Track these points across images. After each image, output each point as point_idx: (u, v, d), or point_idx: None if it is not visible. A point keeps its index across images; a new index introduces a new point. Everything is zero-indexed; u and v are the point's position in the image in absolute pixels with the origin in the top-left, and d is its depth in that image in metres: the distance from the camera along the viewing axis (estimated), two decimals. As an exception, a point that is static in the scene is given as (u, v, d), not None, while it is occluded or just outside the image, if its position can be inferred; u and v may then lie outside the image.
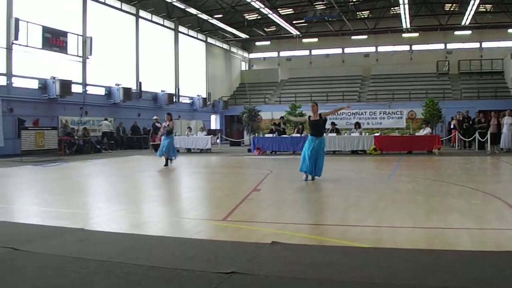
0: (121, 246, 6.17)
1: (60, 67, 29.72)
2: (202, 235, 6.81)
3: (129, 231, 7.19)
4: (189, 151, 30.44)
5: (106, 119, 32.91)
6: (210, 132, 38.75)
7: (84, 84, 32.16)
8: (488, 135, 25.73)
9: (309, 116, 13.99)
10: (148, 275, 4.85)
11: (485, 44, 53.53)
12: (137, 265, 5.14)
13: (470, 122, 29.41)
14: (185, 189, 13.58)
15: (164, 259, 5.41)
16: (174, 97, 42.62)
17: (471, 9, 42.47)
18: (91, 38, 31.77)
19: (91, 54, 31.88)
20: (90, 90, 32.75)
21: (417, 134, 28.38)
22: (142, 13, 39.10)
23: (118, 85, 34.42)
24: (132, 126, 35.96)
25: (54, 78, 28.54)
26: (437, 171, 17.28)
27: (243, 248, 5.99)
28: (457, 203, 9.49)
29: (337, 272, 4.94)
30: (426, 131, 27.56)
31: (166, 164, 19.21)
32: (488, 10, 46.83)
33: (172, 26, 44.12)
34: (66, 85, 28.93)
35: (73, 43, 30.46)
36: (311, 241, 6.33)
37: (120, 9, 36.57)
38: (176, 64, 44.50)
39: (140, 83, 37.96)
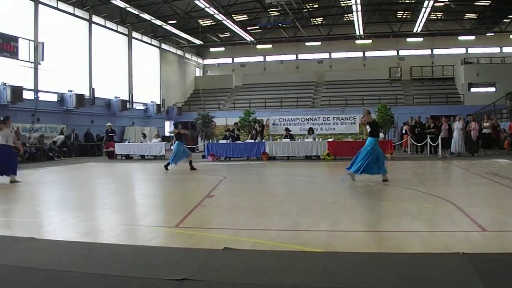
0: (72, 254, 6.07)
1: (11, 73, 29.17)
2: (154, 242, 6.78)
3: (81, 239, 7.10)
4: (143, 157, 30.20)
5: (62, 133, 32.53)
6: (165, 138, 38.55)
7: (36, 90, 31.58)
8: (439, 140, 26.15)
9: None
10: (99, 284, 4.82)
11: (437, 51, 54.62)
12: (88, 274, 5.10)
13: (422, 127, 29.84)
14: (138, 196, 13.48)
15: (116, 267, 5.38)
16: (128, 103, 42.21)
17: (423, 17, 43.21)
18: (43, 43, 31.26)
19: (43, 60, 31.34)
20: (42, 97, 32.14)
21: (370, 139, 28.64)
22: (95, 18, 38.66)
23: (71, 91, 33.91)
24: (86, 133, 35.49)
25: (5, 84, 27.94)
26: (389, 176, 17.50)
27: (195, 254, 5.98)
28: (408, 206, 9.63)
29: (289, 276, 4.98)
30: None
31: (192, 168, 20.36)
32: (439, 18, 47.68)
33: (126, 31, 43.75)
34: (17, 91, 28.38)
35: (25, 49, 29.94)
36: (263, 247, 6.34)
37: (73, 14, 36.06)
38: (130, 70, 44.10)
39: (93, 89, 37.49)
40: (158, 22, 44.09)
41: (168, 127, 51.72)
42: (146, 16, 41.66)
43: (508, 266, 5.26)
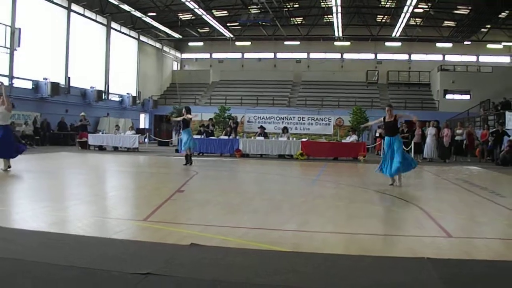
0: (38, 244, 6.04)
1: (-15, 57, 28.91)
2: (121, 235, 6.72)
3: (48, 229, 7.02)
4: (116, 149, 30.03)
5: (35, 121, 32.29)
6: (139, 131, 38.39)
7: (11, 76, 31.27)
8: (412, 145, 26.36)
9: (384, 118, 14.36)
10: (63, 275, 4.78)
11: (414, 57, 55.26)
12: (52, 265, 5.06)
13: (395, 132, 30.01)
14: (109, 188, 13.40)
15: (81, 258, 5.33)
16: (103, 94, 42.01)
17: (402, 22, 43.68)
18: (19, 29, 30.94)
19: (19, 46, 31.05)
20: (17, 83, 31.84)
21: (343, 141, 28.86)
22: (74, 6, 38.38)
23: (46, 79, 33.67)
24: (59, 122, 35.24)
25: (-22, 69, 27.69)
26: (360, 178, 17.60)
27: (161, 249, 5.96)
28: (377, 209, 9.74)
29: (254, 275, 4.98)
30: (352, 138, 28.10)
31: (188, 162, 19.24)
32: (418, 24, 48.23)
33: (105, 22, 43.51)
34: (-9, 76, 28.14)
35: (1, 34, 29.66)
36: (230, 244, 6.32)
37: (52, 1, 35.80)
38: (107, 60, 43.87)
39: (69, 78, 37.23)
40: (138, 14, 43.92)
41: (143, 120, 51.54)
42: (125, 7, 41.48)
43: (471, 272, 5.33)
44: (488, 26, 45.25)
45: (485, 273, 5.36)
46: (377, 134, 32.66)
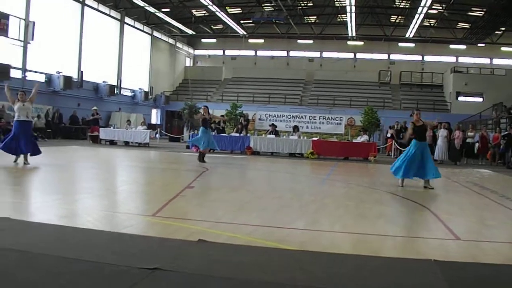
0: (47, 237, 6.09)
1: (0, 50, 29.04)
2: (130, 230, 6.76)
3: (57, 222, 7.05)
4: (127, 144, 30.12)
5: (47, 114, 32.44)
6: (150, 126, 38.52)
7: (24, 69, 31.47)
8: (423, 146, 26.23)
9: (413, 123, 14.23)
10: (71, 268, 4.81)
11: (427, 58, 54.95)
12: (61, 257, 5.09)
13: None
14: (119, 183, 13.44)
15: (89, 252, 5.37)
16: (115, 88, 42.15)
17: (416, 23, 43.52)
18: (33, 22, 31.10)
19: (33, 39, 31.20)
20: (30, 76, 31.95)
21: (354, 141, 28.82)
22: (88, 1, 38.52)
23: (59, 72, 33.83)
24: (71, 116, 35.37)
25: (-9, 60, 27.84)
26: (371, 178, 17.57)
27: (169, 244, 5.99)
28: (386, 210, 9.73)
29: (261, 272, 5.00)
30: (363, 138, 28.07)
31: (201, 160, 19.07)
32: (432, 25, 48.03)
33: (118, 16, 43.63)
34: (4, 69, 28.22)
35: (15, 27, 29.80)
36: (238, 241, 6.34)
37: (66, -5, 35.96)
38: (120, 55, 44.00)
39: (82, 72, 37.37)
40: (151, 9, 43.95)
41: (155, 115, 51.63)
42: (139, 2, 41.54)
43: (477, 275, 5.33)
44: (503, 28, 44.95)
45: (491, 276, 5.35)
46: (389, 135, 32.57)
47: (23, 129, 14.50)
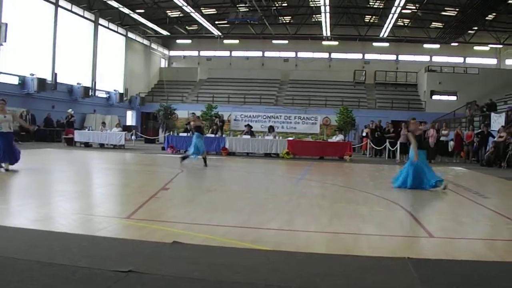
0: (19, 241, 6.05)
1: (-29, 52, 28.76)
2: (104, 233, 6.73)
3: (30, 226, 7.01)
4: (102, 146, 29.94)
5: (21, 116, 32.13)
6: (126, 128, 38.32)
7: (-3, 71, 31.20)
8: (398, 145, 26.48)
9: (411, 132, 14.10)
10: (44, 272, 4.79)
11: (401, 57, 55.52)
12: (33, 261, 5.07)
13: (382, 132, 30.19)
14: (94, 185, 13.38)
15: (63, 256, 5.34)
16: (90, 90, 41.83)
17: (390, 23, 43.85)
18: (6, 24, 30.68)
19: (5, 41, 30.81)
20: (3, 79, 31.67)
21: (329, 140, 28.96)
22: (62, 2, 38.21)
23: (33, 75, 33.53)
24: (46, 118, 35.05)
25: (-37, 63, 27.52)
26: (345, 178, 17.71)
27: (144, 246, 5.99)
28: (360, 209, 9.75)
29: (234, 273, 5.03)
30: (338, 137, 28.24)
31: (206, 164, 18.65)
32: (406, 24, 48.48)
33: (92, 18, 43.35)
34: (-23, 71, 27.99)
35: (-13, 29, 29.51)
36: (212, 242, 6.35)
37: (39, -3, 35.66)
38: (94, 57, 43.70)
39: (56, 74, 37.06)
40: (126, 10, 43.76)
41: (130, 117, 51.39)
42: (114, 3, 41.33)
43: (450, 272, 5.38)
44: (475, 28, 45.51)
45: (464, 273, 5.42)
46: (364, 134, 32.79)
47: (5, 140, 14.34)
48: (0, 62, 31.34)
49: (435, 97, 48.13)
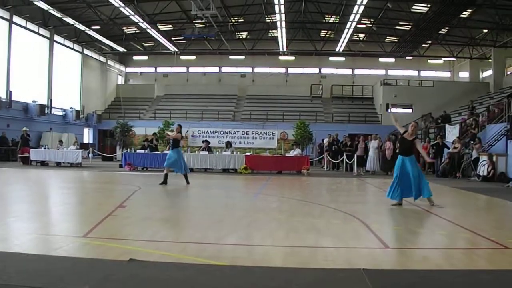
0: (-28, 262, 5.98)
1: None
2: (59, 252, 6.68)
3: (-16, 247, 6.94)
4: (58, 164, 29.61)
5: None
6: (83, 146, 37.96)
7: None
8: (355, 158, 26.79)
9: (405, 131, 12.92)
10: (-2, 293, 4.76)
11: (357, 71, 56.47)
12: (-13, 282, 5.03)
13: (339, 145, 30.46)
14: (49, 204, 13.22)
15: (17, 276, 5.31)
16: (46, 108, 41.28)
17: (345, 37, 44.39)
18: (-42, 42, 30.43)
19: (-44, 59, 30.49)
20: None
21: (287, 155, 29.13)
22: (16, 18, 37.74)
23: (-14, 93, 33.08)
24: (0, 137, 34.50)
25: None
26: (303, 191, 17.80)
27: (100, 265, 5.97)
28: (317, 222, 9.83)
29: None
30: (296, 152, 28.40)
31: (187, 182, 17.99)
32: (361, 39, 49.14)
33: (48, 34, 42.92)
34: None
35: None
36: (169, 259, 6.37)
37: (-8, 13, 35.21)
38: (50, 74, 43.21)
39: (11, 92, 36.53)
40: (82, 27, 43.41)
41: (87, 134, 50.89)
42: (69, 20, 40.98)
43: (405, 282, 5.52)
44: (429, 42, 46.41)
45: (418, 283, 5.56)
46: (326, 146, 32.97)
47: None
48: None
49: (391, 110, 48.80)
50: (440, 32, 43.00)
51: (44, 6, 36.94)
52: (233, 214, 11.02)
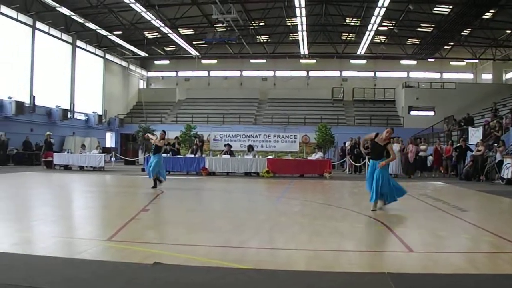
0: (-1, 265, 6.02)
1: None
2: (84, 255, 6.71)
3: (9, 250, 6.95)
4: (81, 168, 29.79)
5: None
6: (105, 150, 38.15)
7: (-26, 96, 31.01)
8: (377, 161, 26.57)
9: (376, 134, 12.61)
10: (23, 296, 4.78)
11: (379, 74, 56.00)
12: (12, 286, 5.05)
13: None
14: (74, 208, 13.32)
15: (42, 279, 5.34)
16: (69, 113, 41.65)
17: (367, 40, 44.17)
18: (-18, 48, 30.79)
19: (-18, 65, 30.84)
20: (-20, 103, 31.55)
21: (309, 158, 29.00)
22: (39, 25, 38.08)
23: (11, 98, 33.33)
24: (24, 142, 34.82)
25: None
26: (325, 195, 17.74)
27: (124, 268, 5.99)
28: (340, 226, 9.79)
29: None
30: (318, 155, 28.23)
31: (155, 186, 17.70)
32: (383, 41, 48.80)
33: (70, 40, 43.25)
34: (-47, 95, 27.86)
35: (-36, 53, 29.42)
36: (193, 262, 6.35)
37: (16, 19, 35.43)
38: (72, 79, 43.52)
39: (34, 97, 36.86)
40: (103, 32, 43.73)
41: (109, 139, 51.18)
42: (91, 26, 41.30)
43: (429, 286, 5.46)
44: (451, 43, 45.99)
45: (444, 286, 5.48)
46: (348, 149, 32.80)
47: None
48: (-22, 86, 31.19)
49: (413, 112, 48.51)
50: (462, 33, 42.60)
51: (67, 12, 37.27)
52: (256, 218, 10.99)
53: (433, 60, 51.96)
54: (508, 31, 42.38)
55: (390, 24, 42.88)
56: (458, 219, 10.88)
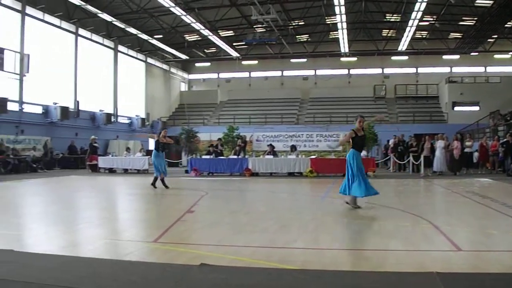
0: (49, 267, 6.10)
1: (-4, 84, 29.20)
2: (131, 257, 6.78)
3: (59, 252, 7.09)
4: (126, 171, 30.13)
5: (45, 145, 32.51)
6: (149, 152, 38.46)
7: (21, 102, 31.58)
8: (422, 158, 26.29)
9: (355, 131, 12.90)
10: (74, 298, 4.83)
11: (421, 70, 55.20)
12: (64, 287, 5.11)
13: (405, 146, 29.94)
14: (119, 210, 13.48)
15: (91, 281, 5.39)
16: (112, 117, 42.19)
17: (407, 36, 43.80)
18: (28, 55, 31.34)
19: (28, 72, 31.40)
20: (27, 108, 32.19)
21: (352, 157, 28.76)
22: (81, 31, 38.77)
23: (56, 103, 33.95)
24: (69, 146, 35.40)
25: (-12, 95, 27.95)
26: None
27: (171, 270, 5.99)
28: (385, 225, 9.67)
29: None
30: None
31: (154, 184, 18.58)
32: (424, 36, 48.24)
33: (112, 45, 43.87)
34: (1, 102, 28.43)
35: (10, 60, 30.06)
36: (240, 263, 6.36)
37: (59, 27, 36.19)
38: (115, 83, 44.15)
39: (78, 102, 37.51)
40: (144, 37, 44.28)
41: (153, 141, 51.54)
42: (132, 30, 41.82)
43: (480, 285, 5.35)
44: (495, 36, 45.19)
45: (493, 286, 5.37)
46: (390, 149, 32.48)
47: None
48: (24, 92, 31.79)
49: (457, 108, 47.70)
50: (506, 25, 41.82)
51: (108, 18, 37.89)
52: (301, 218, 10.90)
53: (477, 54, 50.88)
54: (555, 21, 41.47)
55: (431, 19, 42.41)
56: (507, 217, 10.64)
